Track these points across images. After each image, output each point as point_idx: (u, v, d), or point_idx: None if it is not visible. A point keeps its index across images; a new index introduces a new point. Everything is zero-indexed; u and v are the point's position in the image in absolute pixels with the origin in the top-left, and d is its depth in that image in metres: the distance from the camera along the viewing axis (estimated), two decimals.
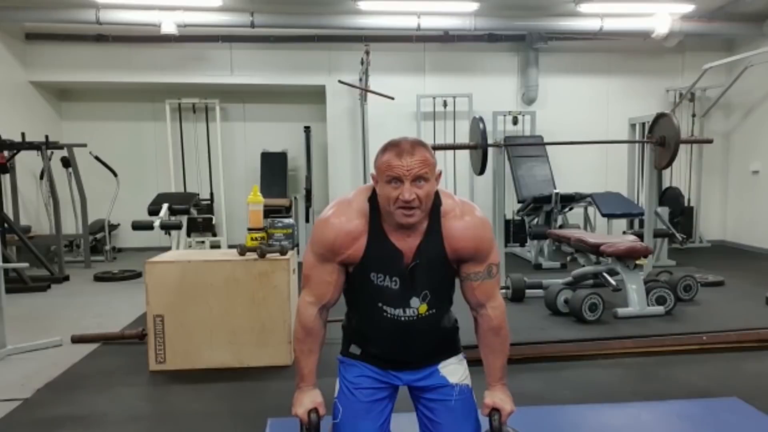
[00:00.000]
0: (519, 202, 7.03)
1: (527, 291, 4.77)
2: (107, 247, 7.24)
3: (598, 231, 7.15)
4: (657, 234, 6.02)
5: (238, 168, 8.18)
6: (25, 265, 4.42)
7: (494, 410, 1.59)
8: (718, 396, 2.87)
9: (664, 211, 6.56)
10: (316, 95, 7.75)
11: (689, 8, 6.77)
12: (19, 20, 6.86)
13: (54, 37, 7.20)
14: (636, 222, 6.69)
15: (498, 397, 1.61)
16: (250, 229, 3.38)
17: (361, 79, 6.86)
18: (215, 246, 7.33)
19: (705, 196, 7.95)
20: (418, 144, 1.49)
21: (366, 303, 1.62)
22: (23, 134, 6.19)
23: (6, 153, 6.01)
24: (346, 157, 7.68)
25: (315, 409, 1.60)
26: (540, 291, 4.70)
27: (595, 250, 4.39)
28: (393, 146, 1.48)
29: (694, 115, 7.80)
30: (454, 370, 1.68)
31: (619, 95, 7.86)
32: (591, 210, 7.01)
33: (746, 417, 2.63)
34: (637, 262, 4.34)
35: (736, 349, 3.50)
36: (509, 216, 6.98)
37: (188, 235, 6.96)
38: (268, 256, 3.28)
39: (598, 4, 6.68)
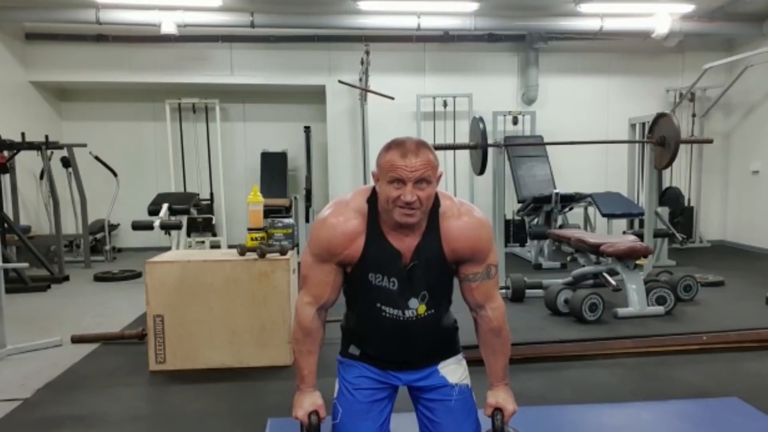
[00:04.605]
0: (519, 202, 7.03)
1: (527, 291, 4.77)
2: (107, 247, 7.23)
3: (598, 231, 7.15)
4: (657, 234, 6.02)
5: (238, 168, 8.18)
6: (25, 265, 4.42)
7: (497, 410, 1.59)
8: (718, 396, 2.87)
9: (664, 211, 6.56)
10: (316, 95, 7.75)
11: (689, 8, 6.77)
12: (19, 20, 6.86)
13: (54, 37, 7.20)
14: (636, 222, 6.69)
15: (501, 397, 1.61)
16: (250, 229, 3.38)
17: (361, 79, 6.86)
18: (215, 246, 7.34)
19: (705, 196, 7.96)
20: (422, 145, 1.47)
21: (365, 303, 1.62)
22: (23, 134, 6.19)
23: (6, 153, 6.01)
24: (346, 157, 7.68)
25: (315, 412, 1.59)
26: (540, 291, 4.71)
27: (595, 250, 4.39)
28: (397, 146, 1.47)
29: (694, 115, 7.80)
30: (453, 370, 1.67)
31: (619, 95, 7.86)
32: (591, 210, 7.01)
33: (746, 417, 2.63)
34: (637, 262, 4.35)
35: (736, 349, 3.50)
36: (509, 216, 6.98)
37: (188, 235, 6.96)
38: (268, 256, 3.28)
39: (598, 4, 6.68)
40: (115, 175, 7.16)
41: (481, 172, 4.80)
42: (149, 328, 3.25)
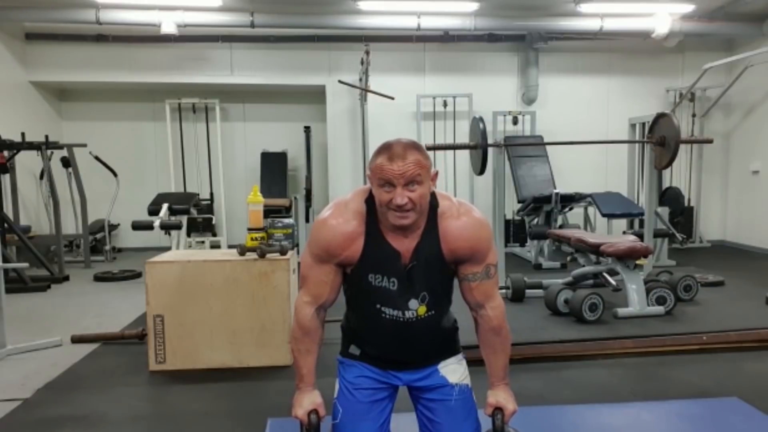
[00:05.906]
0: (519, 202, 7.03)
1: (527, 291, 4.77)
2: (107, 247, 7.23)
3: (598, 231, 7.15)
4: (657, 234, 6.02)
5: (238, 168, 8.18)
6: (25, 265, 4.42)
7: (497, 410, 1.59)
8: (718, 396, 2.87)
9: (664, 211, 6.56)
10: (316, 95, 7.75)
11: (689, 8, 6.77)
12: (19, 20, 6.86)
13: (54, 37, 7.20)
14: (636, 222, 6.68)
15: (501, 396, 1.61)
16: (250, 229, 3.38)
17: (361, 79, 6.86)
18: (215, 246, 7.34)
19: (705, 196, 7.96)
20: (410, 147, 1.47)
21: (364, 304, 1.62)
22: (23, 134, 6.19)
23: (6, 153, 6.01)
24: (346, 157, 7.68)
25: (315, 411, 1.60)
26: (540, 291, 4.71)
27: (595, 250, 4.39)
28: (385, 150, 1.47)
29: (694, 115, 7.80)
30: (453, 370, 1.68)
31: (619, 95, 7.86)
32: (591, 210, 7.01)
33: (746, 417, 2.63)
34: (637, 262, 4.35)
35: (736, 349, 3.50)
36: (509, 216, 6.98)
37: (188, 235, 6.96)
38: (268, 256, 3.28)
39: (598, 4, 6.68)
40: (115, 175, 7.16)
41: (481, 172, 4.80)
42: (149, 328, 3.25)
